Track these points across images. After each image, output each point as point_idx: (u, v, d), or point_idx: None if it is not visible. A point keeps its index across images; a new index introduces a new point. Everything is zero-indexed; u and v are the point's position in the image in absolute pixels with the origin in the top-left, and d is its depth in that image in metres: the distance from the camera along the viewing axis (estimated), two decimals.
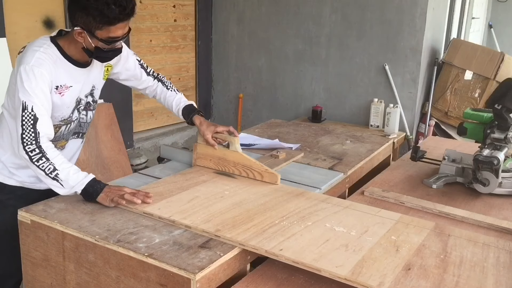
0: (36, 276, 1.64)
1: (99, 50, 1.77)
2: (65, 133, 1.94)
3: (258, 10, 5.10)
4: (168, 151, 2.32)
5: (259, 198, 1.82)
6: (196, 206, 1.72)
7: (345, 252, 1.45)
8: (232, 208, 1.72)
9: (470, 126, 2.23)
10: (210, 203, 1.76)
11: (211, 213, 1.66)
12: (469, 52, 4.57)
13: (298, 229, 1.58)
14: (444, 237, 1.60)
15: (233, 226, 1.57)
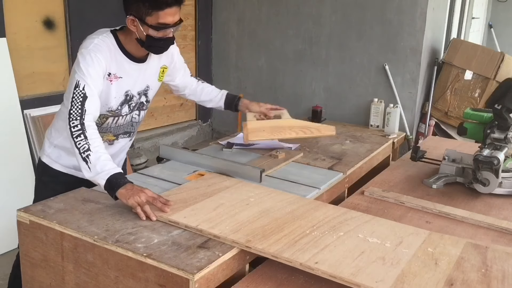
0: (35, 276, 1.64)
1: (150, 38, 1.81)
2: (113, 127, 1.98)
3: (258, 10, 5.10)
4: (167, 151, 2.31)
5: (286, 206, 1.75)
6: (223, 214, 1.66)
7: (383, 265, 1.38)
8: (260, 216, 1.66)
9: (470, 126, 2.23)
10: (237, 211, 1.70)
11: (239, 222, 1.60)
12: (469, 52, 4.56)
13: (331, 240, 1.52)
14: (482, 249, 1.53)
15: (263, 236, 1.52)
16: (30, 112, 3.53)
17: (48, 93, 3.81)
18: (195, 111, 5.51)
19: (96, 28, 3.65)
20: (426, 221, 1.80)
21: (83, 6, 3.94)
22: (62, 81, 3.93)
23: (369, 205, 1.93)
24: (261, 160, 2.25)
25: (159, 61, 2.05)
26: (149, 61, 1.97)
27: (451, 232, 1.73)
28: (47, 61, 3.78)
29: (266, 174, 2.09)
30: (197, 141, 5.42)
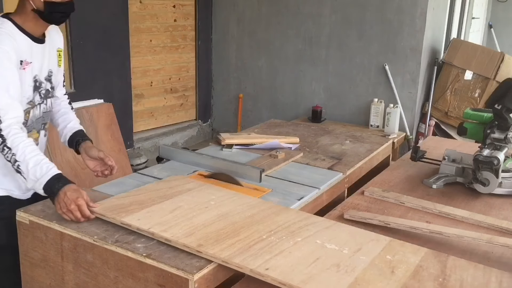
0: (34, 276, 1.64)
1: (50, 5, 1.68)
2: (34, 121, 1.83)
3: (258, 10, 5.10)
4: (167, 151, 2.31)
5: (246, 210, 1.68)
6: (179, 217, 1.60)
7: (337, 273, 1.33)
8: (217, 220, 1.60)
9: (470, 126, 2.23)
10: (194, 214, 1.63)
11: (194, 226, 1.54)
12: (469, 52, 4.57)
13: (287, 245, 1.46)
14: (443, 257, 1.47)
15: (216, 240, 1.45)
16: None
17: None
18: (195, 111, 5.51)
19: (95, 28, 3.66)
20: (426, 221, 1.80)
21: (83, 6, 3.94)
22: None
23: (369, 205, 1.92)
24: (261, 160, 2.25)
25: (55, 43, 1.91)
26: (47, 42, 1.84)
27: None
28: None
29: (266, 174, 2.09)
30: (197, 141, 5.42)
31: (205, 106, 5.57)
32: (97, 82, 4.16)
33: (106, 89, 4.25)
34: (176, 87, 5.21)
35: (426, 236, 1.66)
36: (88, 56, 4.05)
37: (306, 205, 1.87)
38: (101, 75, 4.20)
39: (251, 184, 1.98)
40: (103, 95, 4.15)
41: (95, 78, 4.15)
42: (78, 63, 3.98)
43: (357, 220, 1.77)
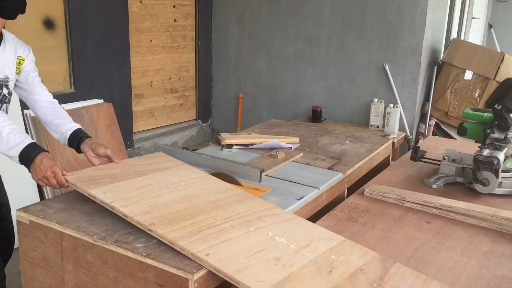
0: (34, 276, 1.64)
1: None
2: None
3: (258, 10, 5.10)
4: (167, 151, 2.31)
5: (212, 195, 1.71)
6: (144, 194, 1.63)
7: (274, 266, 1.33)
8: (180, 201, 1.62)
9: (470, 126, 2.23)
10: (160, 193, 1.66)
11: (155, 204, 1.57)
12: (469, 52, 4.56)
13: (237, 234, 1.47)
14: (388, 264, 1.44)
15: (171, 221, 1.48)
16: (30, 112, 3.53)
17: None
18: (195, 111, 5.51)
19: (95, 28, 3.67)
20: (426, 221, 1.80)
21: (83, 6, 3.94)
22: (62, 81, 3.93)
23: (369, 205, 1.93)
24: (261, 160, 2.25)
25: (15, 50, 1.93)
26: (4, 47, 1.86)
27: (451, 232, 1.73)
28: (47, 61, 3.78)
29: (266, 174, 2.09)
30: (197, 141, 5.42)
31: (205, 106, 5.57)
32: (97, 82, 4.16)
33: (106, 89, 4.25)
34: (176, 87, 5.21)
35: None
36: (88, 56, 4.05)
37: (306, 205, 1.87)
38: (101, 75, 4.20)
39: (251, 184, 1.98)
40: (103, 95, 4.16)
41: (95, 78, 4.15)
42: (78, 63, 3.98)
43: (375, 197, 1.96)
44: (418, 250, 1.59)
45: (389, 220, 1.81)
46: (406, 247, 1.61)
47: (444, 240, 1.65)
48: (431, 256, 1.56)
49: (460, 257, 1.56)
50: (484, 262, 1.53)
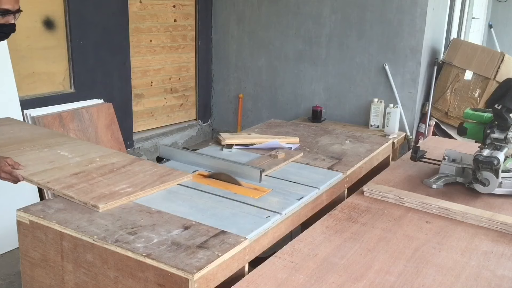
0: (34, 276, 1.64)
1: None
2: None
3: (258, 10, 5.10)
4: (167, 151, 2.31)
5: (32, 136, 2.30)
6: None
7: (45, 165, 1.92)
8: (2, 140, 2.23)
9: (470, 126, 2.23)
10: None
11: None
12: (469, 52, 4.57)
13: (32, 152, 2.04)
14: (137, 160, 2.07)
15: None
16: (30, 112, 3.53)
17: (48, 93, 3.82)
18: (195, 111, 5.51)
19: (95, 28, 3.68)
20: (426, 221, 1.80)
21: (83, 6, 3.94)
22: (62, 81, 3.93)
23: (369, 205, 1.92)
24: (261, 160, 2.25)
25: None
26: None
27: (451, 232, 1.72)
28: (47, 61, 3.78)
29: (266, 174, 2.09)
30: (197, 141, 5.43)
31: (205, 106, 5.58)
32: (97, 82, 4.16)
33: (106, 89, 4.25)
34: (176, 87, 5.21)
35: None
36: (88, 56, 4.05)
37: (306, 205, 1.87)
38: (101, 75, 4.20)
39: (251, 184, 1.98)
40: (103, 95, 4.16)
41: (95, 78, 4.15)
42: (78, 63, 3.98)
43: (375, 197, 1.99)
44: (418, 250, 1.59)
45: (389, 220, 1.81)
46: (406, 247, 1.61)
47: (444, 240, 1.65)
48: (431, 256, 1.56)
49: (460, 257, 1.56)
50: (484, 262, 1.53)
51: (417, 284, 1.39)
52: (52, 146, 2.17)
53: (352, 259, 1.52)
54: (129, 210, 1.66)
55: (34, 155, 2.03)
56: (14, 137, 2.29)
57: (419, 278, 1.43)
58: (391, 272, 1.45)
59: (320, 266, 1.47)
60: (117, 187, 1.78)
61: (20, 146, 2.15)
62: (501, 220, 1.76)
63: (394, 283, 1.39)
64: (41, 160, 1.98)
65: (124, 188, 1.78)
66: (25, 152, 2.07)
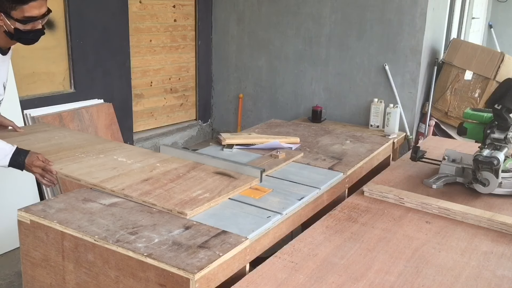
0: (35, 276, 1.64)
1: (19, 31, 1.84)
2: None
3: (258, 10, 5.10)
4: (167, 151, 2.31)
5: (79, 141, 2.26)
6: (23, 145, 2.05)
7: (110, 171, 1.85)
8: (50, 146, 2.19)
9: (470, 126, 2.23)
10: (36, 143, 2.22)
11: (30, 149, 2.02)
12: (469, 52, 4.57)
13: (89, 158, 2.01)
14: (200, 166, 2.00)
15: None
16: (30, 112, 3.53)
17: (48, 93, 3.82)
18: (195, 111, 5.52)
19: (95, 28, 3.68)
20: (426, 221, 1.81)
21: (83, 6, 3.95)
22: (62, 81, 3.94)
23: (369, 205, 1.93)
24: (261, 160, 2.25)
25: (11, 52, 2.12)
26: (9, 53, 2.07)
27: (451, 232, 1.73)
28: (47, 61, 3.78)
29: (267, 174, 2.09)
30: (197, 141, 5.43)
31: (205, 106, 5.58)
32: (97, 82, 4.16)
33: (106, 89, 4.25)
34: (176, 87, 5.21)
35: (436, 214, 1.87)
36: (88, 56, 4.06)
37: (307, 205, 1.87)
38: (101, 75, 4.21)
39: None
40: (103, 95, 4.16)
41: (95, 78, 4.15)
42: (78, 63, 3.99)
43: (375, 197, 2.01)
44: (418, 250, 1.60)
45: (389, 220, 1.81)
46: (406, 247, 1.61)
47: (444, 240, 1.66)
48: (431, 256, 1.56)
49: (460, 257, 1.56)
50: (484, 262, 1.53)
51: (417, 284, 1.40)
52: (105, 152, 2.14)
53: (352, 259, 1.52)
54: (130, 210, 1.66)
55: (93, 162, 1.99)
56: (59, 143, 2.26)
57: (419, 278, 1.43)
58: (391, 272, 1.46)
59: (320, 266, 1.47)
60: (193, 192, 1.75)
61: (72, 152, 2.12)
62: (501, 220, 1.76)
63: (394, 283, 1.40)
64: (103, 166, 1.94)
65: (200, 194, 1.74)
66: (82, 158, 2.04)
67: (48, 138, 2.33)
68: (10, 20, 1.80)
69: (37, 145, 2.20)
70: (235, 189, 1.82)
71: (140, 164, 1.98)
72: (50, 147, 2.18)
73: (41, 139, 2.30)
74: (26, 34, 1.87)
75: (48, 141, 2.28)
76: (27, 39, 1.92)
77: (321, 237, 1.64)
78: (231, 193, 1.79)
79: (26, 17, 1.80)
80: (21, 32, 1.85)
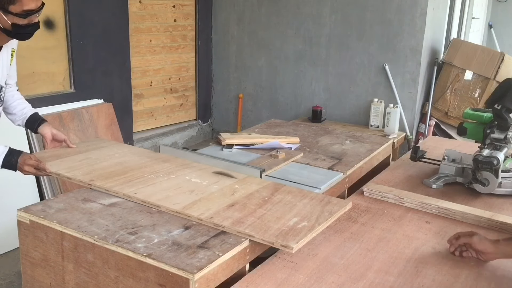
0: (35, 276, 1.64)
1: (17, 26, 1.81)
2: None
3: (258, 10, 5.10)
4: (167, 151, 2.31)
5: (142, 159, 2.11)
6: (84, 164, 2.01)
7: (189, 195, 1.73)
8: (114, 166, 2.01)
9: (470, 126, 2.23)
10: (98, 162, 2.04)
11: (94, 169, 1.95)
12: (469, 52, 4.57)
13: (160, 180, 1.88)
14: (280, 186, 1.86)
15: (106, 178, 1.85)
16: None
17: (48, 93, 3.82)
18: (195, 111, 5.51)
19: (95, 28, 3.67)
20: (426, 221, 1.81)
21: (83, 6, 3.94)
22: (62, 81, 3.94)
23: (369, 205, 1.93)
24: (261, 160, 2.26)
25: (10, 45, 2.05)
26: (4, 49, 2.00)
27: (451, 232, 1.72)
28: (47, 61, 3.78)
29: (266, 174, 2.09)
30: (197, 141, 5.43)
31: (205, 106, 5.58)
32: (97, 82, 4.16)
33: (106, 89, 4.25)
34: (176, 87, 5.21)
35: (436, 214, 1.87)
36: (88, 56, 4.06)
37: None
38: (101, 75, 4.21)
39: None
40: (103, 95, 4.16)
41: (95, 78, 4.15)
42: (78, 63, 3.99)
43: (375, 197, 2.00)
44: (418, 250, 1.60)
45: (389, 220, 1.81)
46: (406, 247, 1.61)
47: (444, 240, 1.65)
48: (431, 256, 1.56)
49: (459, 257, 1.56)
50: (484, 262, 1.53)
51: (417, 284, 1.40)
52: (175, 172, 1.97)
53: (351, 259, 1.52)
54: (129, 210, 1.66)
55: (166, 184, 1.84)
56: (123, 162, 2.07)
57: (419, 278, 1.43)
58: (390, 272, 1.46)
59: (320, 266, 1.47)
60: (288, 220, 1.58)
61: (140, 172, 1.94)
62: (501, 220, 1.76)
63: (394, 283, 1.40)
64: (179, 189, 1.79)
65: (297, 222, 1.58)
66: (153, 180, 1.87)
67: (108, 156, 2.14)
68: (8, 16, 1.77)
69: (100, 164, 2.01)
70: (332, 216, 1.65)
71: (217, 186, 1.84)
72: (115, 167, 2.00)
73: (102, 158, 2.11)
74: (24, 28, 1.84)
75: (110, 159, 2.10)
76: (24, 34, 1.89)
77: (321, 237, 1.64)
78: (330, 220, 1.63)
79: (25, 11, 1.78)
80: (19, 27, 1.82)
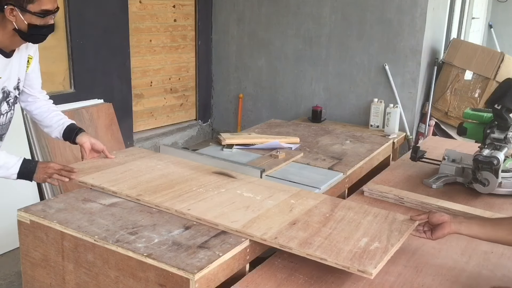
0: (35, 276, 1.64)
1: (33, 27, 1.76)
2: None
3: (258, 10, 5.10)
4: (167, 151, 2.31)
5: (186, 171, 2.02)
6: (127, 176, 1.92)
7: (245, 211, 1.65)
8: (159, 178, 1.93)
9: (470, 126, 2.23)
10: (141, 174, 1.96)
11: (139, 182, 1.87)
12: (469, 52, 4.57)
13: (211, 194, 1.79)
14: (337, 201, 1.78)
15: (154, 192, 1.78)
16: None
17: (48, 93, 3.76)
18: (195, 111, 5.51)
19: (95, 28, 3.66)
20: None
21: (83, 6, 3.94)
22: (62, 81, 3.94)
23: (368, 205, 1.93)
24: (261, 160, 2.26)
25: (26, 51, 1.98)
26: (17, 53, 1.91)
27: None
28: (47, 61, 3.78)
29: (266, 174, 2.09)
30: (197, 141, 5.43)
31: (205, 106, 5.58)
32: (97, 82, 4.16)
33: (106, 89, 4.25)
34: (176, 87, 5.21)
35: None
36: (88, 56, 4.05)
37: None
38: (101, 75, 4.21)
39: None
40: (103, 95, 4.16)
41: (95, 78, 4.15)
42: (78, 63, 3.99)
43: (375, 197, 2.00)
44: (418, 250, 1.60)
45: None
46: (406, 247, 1.61)
47: (444, 240, 1.65)
48: (431, 256, 1.56)
49: (460, 257, 1.56)
50: (484, 262, 1.53)
51: (417, 284, 1.40)
52: (224, 186, 1.88)
53: None
54: (130, 210, 1.67)
55: (218, 198, 1.75)
56: (167, 175, 1.97)
57: (419, 278, 1.43)
58: (390, 272, 1.46)
59: (320, 266, 1.47)
60: (358, 241, 1.48)
61: (188, 186, 1.85)
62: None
63: (394, 283, 1.40)
64: (233, 205, 1.70)
65: (368, 242, 1.47)
66: (203, 194, 1.78)
67: (151, 168, 2.04)
68: (26, 15, 1.72)
69: (143, 177, 1.92)
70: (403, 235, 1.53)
71: (271, 200, 1.75)
72: (160, 180, 1.90)
73: (144, 169, 2.01)
74: (40, 29, 1.78)
75: (152, 171, 2.00)
76: (38, 36, 1.83)
77: None
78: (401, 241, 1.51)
79: (43, 10, 1.73)
80: (35, 28, 1.76)
